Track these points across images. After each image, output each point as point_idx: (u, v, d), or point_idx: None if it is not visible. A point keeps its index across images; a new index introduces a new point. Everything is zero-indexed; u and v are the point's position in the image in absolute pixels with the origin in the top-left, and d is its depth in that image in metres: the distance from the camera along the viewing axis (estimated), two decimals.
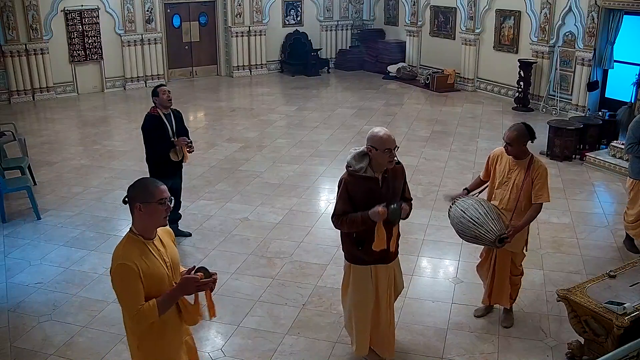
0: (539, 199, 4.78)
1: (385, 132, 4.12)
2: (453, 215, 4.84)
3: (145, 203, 3.08)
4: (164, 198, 3.12)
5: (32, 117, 12.75)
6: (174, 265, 3.26)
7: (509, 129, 4.83)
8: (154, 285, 3.10)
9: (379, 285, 4.41)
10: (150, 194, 3.10)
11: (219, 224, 7.31)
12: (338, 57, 17.69)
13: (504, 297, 5.20)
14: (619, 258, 6.38)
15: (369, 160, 4.15)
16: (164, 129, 6.35)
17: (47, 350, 4.94)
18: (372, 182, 4.15)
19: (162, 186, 3.16)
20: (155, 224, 3.17)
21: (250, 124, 11.91)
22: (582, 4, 11.50)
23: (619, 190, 8.45)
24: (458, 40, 14.78)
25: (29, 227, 7.27)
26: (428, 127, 11.56)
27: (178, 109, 6.70)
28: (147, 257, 3.10)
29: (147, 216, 3.11)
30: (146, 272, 3.06)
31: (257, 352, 4.90)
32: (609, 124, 10.08)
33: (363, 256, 4.30)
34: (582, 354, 4.68)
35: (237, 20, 16.01)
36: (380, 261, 4.32)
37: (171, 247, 3.32)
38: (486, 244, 4.75)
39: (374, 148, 4.09)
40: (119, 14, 14.43)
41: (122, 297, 3.09)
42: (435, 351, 4.91)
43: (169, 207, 3.15)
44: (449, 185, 8.41)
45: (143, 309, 3.03)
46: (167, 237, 3.33)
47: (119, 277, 3.05)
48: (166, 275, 3.16)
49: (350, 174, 4.19)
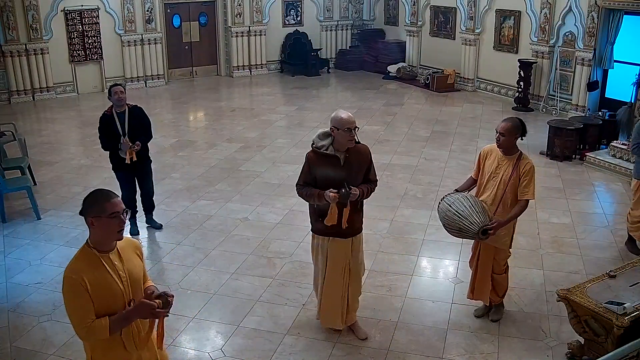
0: (525, 195, 4.82)
1: (347, 113, 4.54)
2: (440, 209, 4.97)
3: (97, 217, 2.97)
4: (116, 212, 2.99)
5: (32, 117, 12.76)
6: (132, 280, 3.12)
7: (504, 120, 4.90)
8: (105, 301, 2.98)
9: (334, 256, 4.73)
10: (101, 208, 2.97)
11: (219, 224, 7.31)
12: (338, 57, 17.70)
13: (484, 293, 5.24)
14: (619, 258, 6.38)
15: (332, 140, 4.53)
16: (113, 129, 6.50)
17: (47, 350, 4.94)
18: (333, 159, 4.53)
19: (114, 199, 3.02)
20: (109, 238, 3.05)
21: (250, 124, 11.91)
22: (582, 4, 11.50)
23: (619, 190, 8.45)
24: (458, 40, 14.78)
25: (29, 227, 7.27)
26: (428, 127, 11.56)
27: (138, 105, 6.81)
28: (98, 271, 2.98)
29: (100, 230, 3.00)
30: (95, 287, 2.94)
31: (257, 352, 4.90)
32: (609, 124, 10.07)
33: (322, 227, 4.67)
34: (582, 354, 4.68)
35: (237, 20, 16.01)
36: (337, 235, 4.66)
37: (132, 261, 3.17)
38: (469, 236, 4.82)
39: (335, 128, 4.48)
40: (119, 14, 14.44)
41: (68, 311, 2.98)
42: (435, 351, 4.91)
43: (122, 220, 3.02)
44: (449, 185, 8.39)
45: (93, 325, 2.94)
46: (129, 251, 3.20)
47: (66, 290, 2.96)
48: (119, 290, 3.03)
49: (313, 150, 4.59)
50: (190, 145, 10.53)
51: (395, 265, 6.29)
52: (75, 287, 2.92)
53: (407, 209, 7.69)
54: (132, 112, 6.63)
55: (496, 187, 4.91)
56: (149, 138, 6.83)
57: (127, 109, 6.59)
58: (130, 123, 6.56)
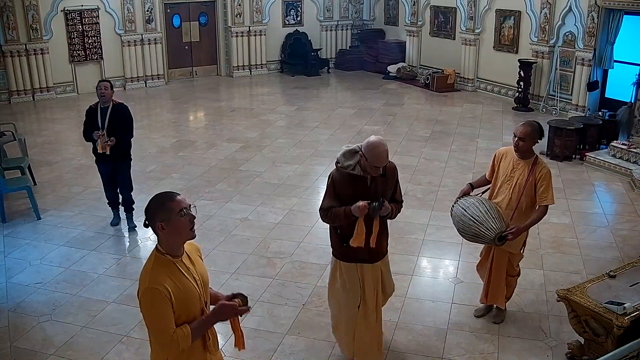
0: (544, 201, 4.75)
1: (382, 149, 4.00)
2: (454, 214, 4.87)
3: (166, 220, 2.88)
4: (184, 208, 2.92)
5: (32, 117, 12.75)
6: (203, 282, 3.07)
7: (522, 125, 4.80)
8: (186, 306, 2.92)
9: (365, 285, 4.35)
10: (167, 209, 2.90)
11: (219, 224, 7.31)
12: (338, 57, 17.69)
13: (499, 297, 5.22)
14: (619, 258, 6.38)
15: (359, 159, 4.09)
16: (94, 121, 6.81)
17: (47, 350, 4.94)
18: (359, 180, 4.14)
19: (177, 197, 2.96)
20: (182, 239, 2.98)
21: (250, 124, 11.91)
22: (582, 4, 11.50)
23: (619, 190, 8.45)
24: (458, 40, 14.78)
25: (29, 227, 7.27)
26: (428, 127, 11.56)
27: (124, 104, 7.04)
28: (177, 278, 2.91)
29: (172, 233, 2.91)
30: (177, 294, 2.87)
31: (257, 352, 4.90)
32: (609, 124, 10.08)
33: (348, 252, 4.27)
34: (582, 354, 4.68)
35: (237, 20, 16.01)
36: (365, 260, 4.29)
37: (199, 264, 3.13)
38: (486, 242, 4.75)
39: (365, 157, 4.03)
40: (119, 14, 14.43)
41: (151, 323, 2.90)
42: (435, 351, 4.91)
43: (192, 216, 2.96)
44: (449, 185, 8.40)
45: (176, 335, 2.85)
46: (194, 253, 3.15)
47: (148, 302, 2.84)
48: (197, 294, 2.97)
49: (338, 170, 4.20)
50: (190, 145, 10.53)
51: (395, 265, 6.25)
52: (159, 298, 2.83)
53: (407, 209, 7.63)
54: (115, 108, 6.86)
55: (511, 191, 4.84)
56: (130, 136, 7.02)
57: (112, 105, 6.84)
58: (111, 119, 6.78)
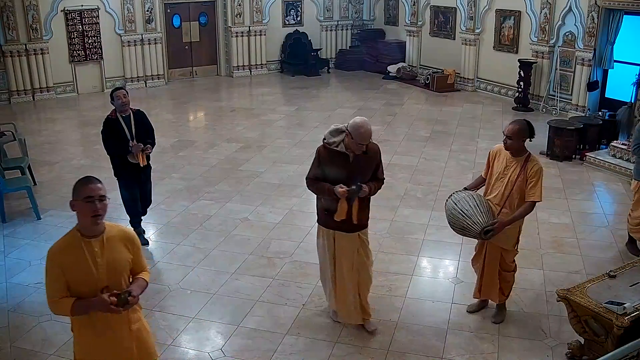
0: (531, 197, 4.79)
1: (366, 128, 4.45)
2: (447, 207, 4.98)
3: (75, 200, 3.16)
4: (92, 196, 3.11)
5: (32, 117, 12.75)
6: (109, 269, 3.22)
7: (511, 123, 4.88)
8: (76, 284, 3.17)
9: (340, 250, 4.80)
10: (79, 192, 3.14)
11: (219, 224, 7.31)
12: (338, 57, 17.69)
13: (492, 292, 5.24)
14: (619, 258, 6.38)
15: (344, 138, 4.53)
16: (121, 133, 6.33)
17: (47, 350, 4.94)
18: (343, 156, 4.57)
19: (92, 184, 3.15)
20: (85, 222, 3.18)
21: (250, 124, 11.91)
22: (582, 4, 11.50)
23: (619, 190, 8.45)
24: (458, 40, 14.78)
25: (29, 227, 7.27)
26: (428, 127, 11.56)
27: (141, 110, 6.65)
28: (76, 255, 3.17)
29: (78, 214, 3.18)
30: (68, 267, 3.15)
31: (257, 352, 4.90)
32: (609, 124, 10.07)
33: (328, 221, 4.74)
34: (582, 354, 4.68)
35: (237, 20, 16.01)
36: (342, 229, 4.72)
37: (115, 251, 3.25)
38: (472, 235, 4.84)
39: (350, 135, 4.46)
40: (119, 14, 14.43)
41: (45, 282, 3.25)
42: (435, 351, 4.91)
43: (96, 207, 3.11)
44: (449, 185, 8.40)
45: (58, 301, 3.18)
46: (116, 240, 3.27)
47: (46, 265, 3.22)
48: (93, 276, 3.17)
49: (324, 145, 4.63)
50: (190, 145, 10.53)
51: (395, 265, 6.29)
52: (51, 265, 3.19)
53: (407, 209, 7.69)
54: (137, 116, 6.50)
55: (503, 187, 4.89)
56: (154, 144, 6.68)
57: (132, 113, 6.46)
58: (137, 127, 6.43)
